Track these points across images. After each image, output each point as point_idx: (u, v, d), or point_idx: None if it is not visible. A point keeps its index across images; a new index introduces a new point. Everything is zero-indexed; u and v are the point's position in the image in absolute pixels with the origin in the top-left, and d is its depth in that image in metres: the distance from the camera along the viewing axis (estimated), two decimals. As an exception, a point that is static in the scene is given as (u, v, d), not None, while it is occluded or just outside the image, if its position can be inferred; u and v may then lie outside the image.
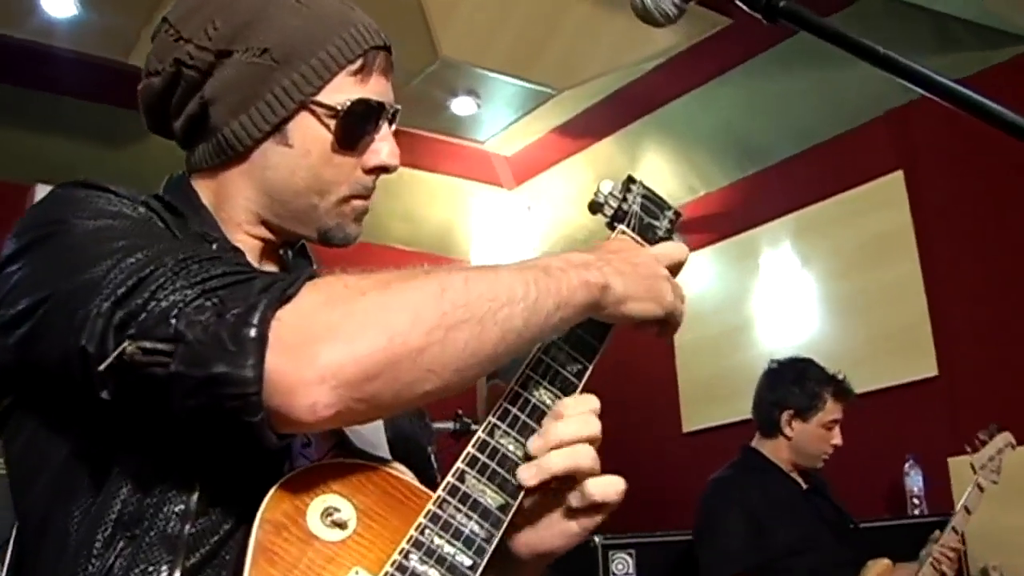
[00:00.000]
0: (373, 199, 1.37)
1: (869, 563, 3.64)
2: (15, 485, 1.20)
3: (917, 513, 4.43)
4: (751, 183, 5.69)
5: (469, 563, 1.08)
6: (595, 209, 1.37)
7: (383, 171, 1.34)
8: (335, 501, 1.07)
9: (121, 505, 1.09)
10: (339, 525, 1.06)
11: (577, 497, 1.18)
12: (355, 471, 1.11)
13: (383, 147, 1.33)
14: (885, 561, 3.65)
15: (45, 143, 5.15)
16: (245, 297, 1.01)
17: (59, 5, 4.39)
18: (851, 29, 1.09)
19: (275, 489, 1.04)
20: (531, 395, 1.20)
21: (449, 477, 1.13)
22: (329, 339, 0.99)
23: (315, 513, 1.05)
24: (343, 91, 1.28)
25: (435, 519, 1.09)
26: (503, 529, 1.12)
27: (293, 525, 1.03)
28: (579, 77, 5.29)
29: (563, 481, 1.17)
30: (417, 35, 4.77)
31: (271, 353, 0.98)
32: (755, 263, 5.58)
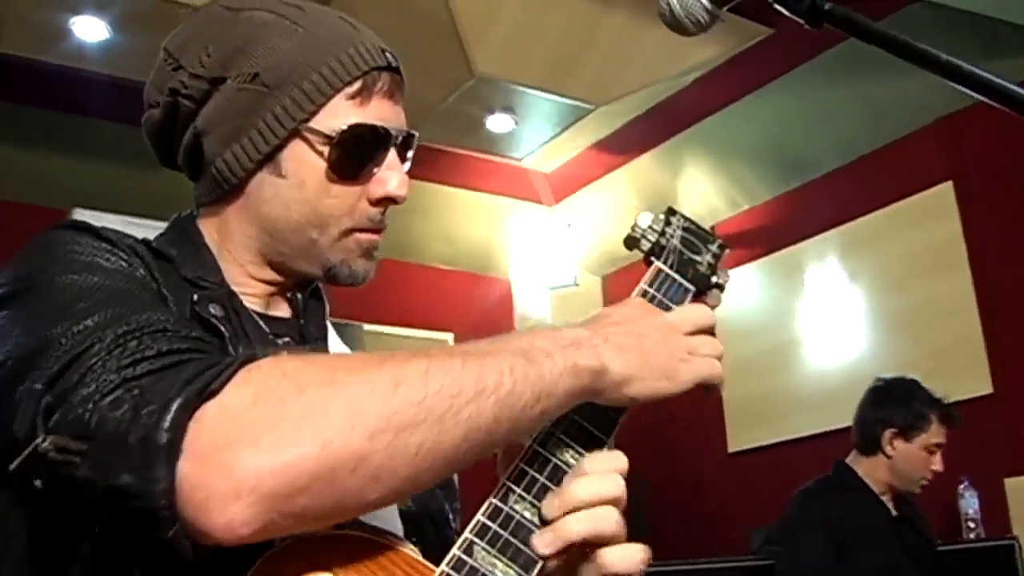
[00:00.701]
0: (386, 232, 1.26)
1: None
2: None
3: (973, 537, 4.28)
4: (795, 196, 5.57)
5: None
6: (631, 244, 1.26)
7: (391, 203, 1.24)
8: None
9: None
10: None
11: (595, 569, 1.03)
12: (348, 544, 0.97)
13: (390, 176, 1.22)
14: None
15: (80, 168, 5.13)
16: (166, 390, 0.88)
17: (90, 29, 4.38)
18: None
19: (257, 566, 0.92)
20: (552, 454, 1.06)
21: (455, 549, 0.99)
22: (249, 445, 0.85)
23: None
24: (339, 116, 1.18)
25: None
26: None
27: None
28: (617, 91, 5.21)
29: (584, 548, 1.03)
30: (451, 52, 4.72)
31: (184, 461, 0.85)
32: (800, 279, 5.45)
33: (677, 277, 1.23)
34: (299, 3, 1.24)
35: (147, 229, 1.28)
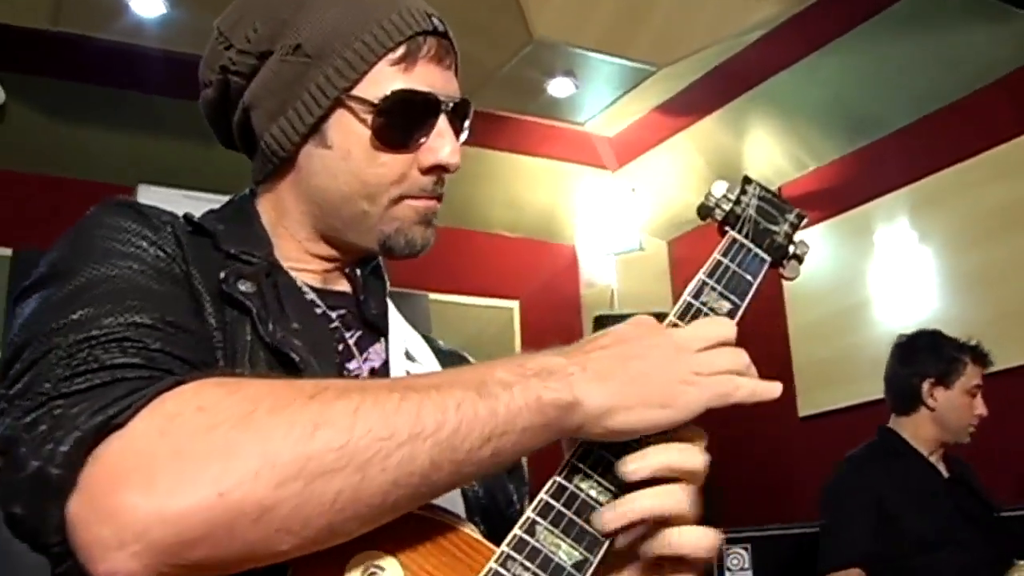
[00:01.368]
0: (446, 200, 1.23)
1: (1020, 563, 3.40)
2: None
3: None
4: (863, 155, 5.45)
5: None
6: (705, 213, 1.22)
7: (443, 171, 1.21)
8: (378, 558, 0.90)
9: None
10: None
11: (661, 546, 0.97)
12: (403, 522, 0.92)
13: (440, 144, 1.19)
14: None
15: (144, 144, 5.16)
16: (75, 417, 0.84)
17: (148, 5, 4.39)
18: None
19: None
20: None
21: (516, 529, 0.95)
22: (141, 488, 0.78)
23: (355, 572, 0.89)
24: (383, 83, 1.16)
25: None
26: None
27: None
28: (679, 53, 5.12)
29: (650, 527, 0.98)
30: (510, 16, 4.67)
31: (74, 500, 0.81)
32: (870, 239, 5.34)
33: (752, 247, 1.19)
34: None
35: (211, 204, 1.28)
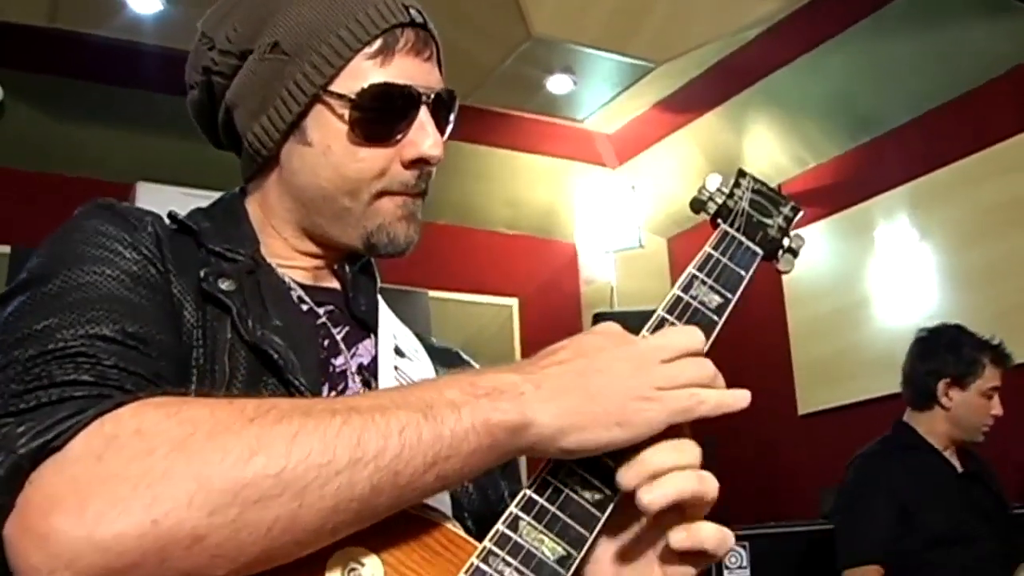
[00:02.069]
0: (433, 186, 1.22)
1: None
2: None
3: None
4: (864, 153, 5.44)
5: None
6: (698, 207, 1.20)
7: (425, 164, 1.18)
8: (359, 556, 0.89)
9: None
10: None
11: (684, 537, 0.95)
12: (387, 518, 0.89)
13: (422, 137, 1.17)
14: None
15: (142, 142, 5.16)
16: (17, 438, 0.82)
17: (145, 1, 4.39)
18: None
19: None
20: None
21: (499, 524, 0.93)
22: (73, 513, 0.77)
23: (335, 572, 0.88)
24: (360, 77, 1.14)
25: (478, 575, 0.91)
26: None
27: None
28: (678, 49, 5.12)
29: (656, 521, 0.96)
30: (508, 13, 4.66)
31: (10, 523, 0.79)
32: (870, 237, 5.34)
33: (744, 240, 1.17)
34: None
35: (209, 201, 1.27)
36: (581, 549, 0.94)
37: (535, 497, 0.95)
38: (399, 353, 1.24)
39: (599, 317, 5.57)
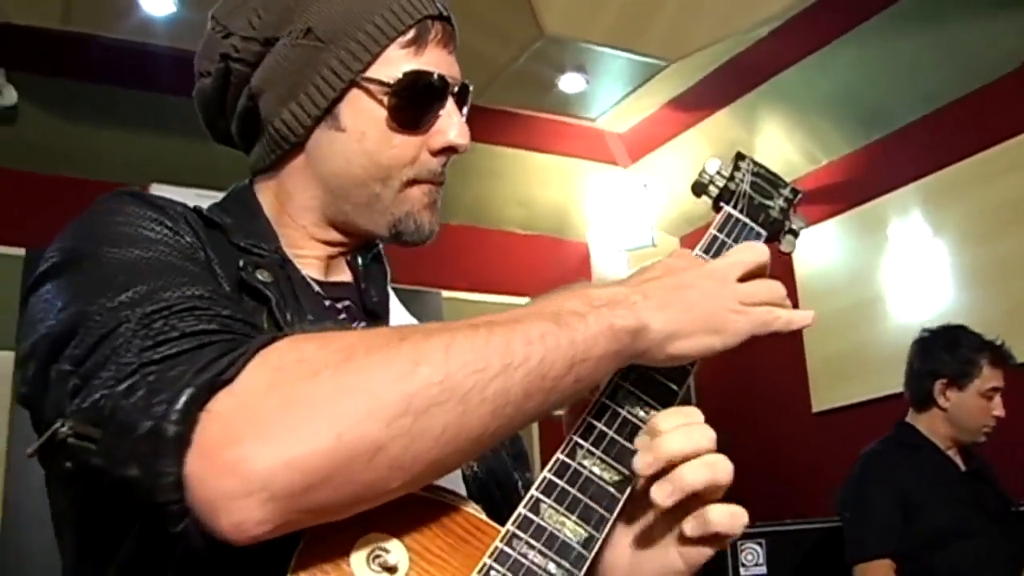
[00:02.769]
0: (447, 186, 1.25)
1: None
2: (55, 528, 1.10)
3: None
4: (876, 149, 5.43)
5: None
6: (699, 190, 1.23)
7: (452, 152, 1.22)
8: (384, 541, 0.90)
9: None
10: (388, 570, 0.89)
11: (694, 525, 0.98)
12: (408, 505, 0.92)
13: (451, 125, 1.21)
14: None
15: (156, 143, 5.16)
16: (179, 377, 0.83)
17: (158, 3, 4.40)
18: None
19: (310, 529, 0.88)
20: (621, 407, 1.02)
21: (521, 508, 0.95)
22: (259, 438, 0.80)
23: (360, 557, 0.89)
24: (395, 65, 1.18)
25: (502, 559, 0.92)
26: (585, 567, 0.94)
27: (335, 572, 0.87)
28: (690, 47, 5.11)
29: (672, 507, 0.97)
30: (520, 12, 4.67)
31: (192, 456, 0.81)
32: (883, 233, 5.31)
33: (748, 222, 1.20)
34: None
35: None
36: (602, 530, 0.96)
37: (555, 480, 0.97)
38: None
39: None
